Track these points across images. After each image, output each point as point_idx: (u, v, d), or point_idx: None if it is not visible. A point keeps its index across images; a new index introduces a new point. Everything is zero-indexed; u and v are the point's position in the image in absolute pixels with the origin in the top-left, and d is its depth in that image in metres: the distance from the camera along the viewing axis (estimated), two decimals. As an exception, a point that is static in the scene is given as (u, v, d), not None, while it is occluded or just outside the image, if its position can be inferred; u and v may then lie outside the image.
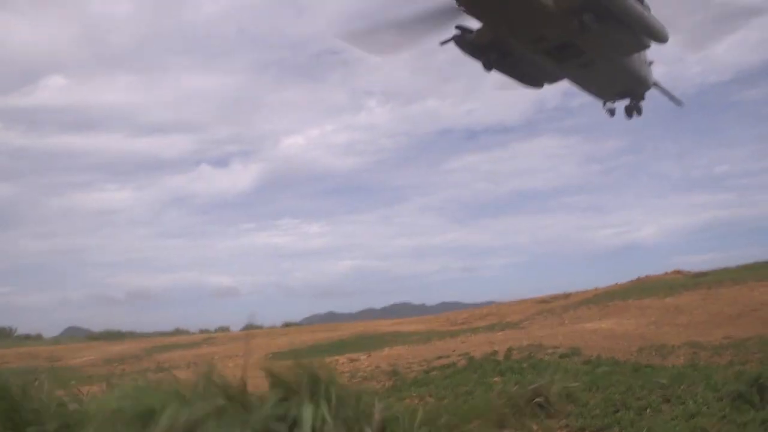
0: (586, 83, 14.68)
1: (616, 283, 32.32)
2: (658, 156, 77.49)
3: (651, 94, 15.94)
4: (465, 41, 13.07)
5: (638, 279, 31.97)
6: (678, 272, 32.20)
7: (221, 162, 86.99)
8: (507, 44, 12.84)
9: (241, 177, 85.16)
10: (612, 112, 15.75)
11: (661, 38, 12.82)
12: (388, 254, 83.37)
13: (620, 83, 14.76)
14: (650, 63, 15.55)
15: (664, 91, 16.79)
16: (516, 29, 12.17)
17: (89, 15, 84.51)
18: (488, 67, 13.29)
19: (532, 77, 14.30)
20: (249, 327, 20.21)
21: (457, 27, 12.92)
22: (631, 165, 79.42)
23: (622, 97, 15.56)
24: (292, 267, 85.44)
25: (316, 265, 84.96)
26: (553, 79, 14.53)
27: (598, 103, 15.32)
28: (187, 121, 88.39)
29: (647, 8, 12.25)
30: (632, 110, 15.71)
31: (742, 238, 74.12)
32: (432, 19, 12.55)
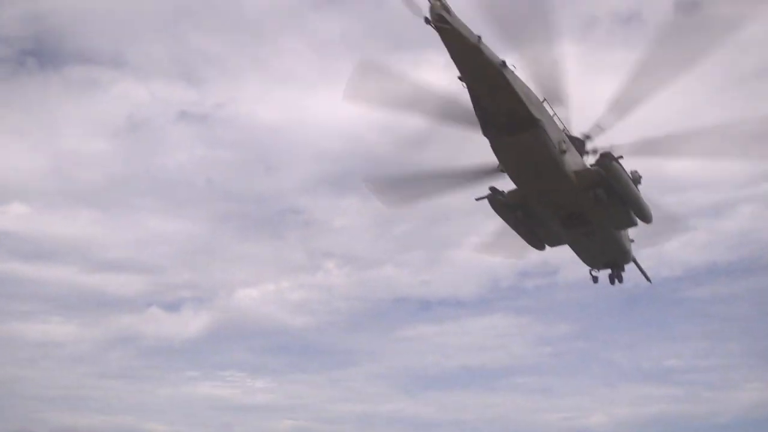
0: (583, 250, 17.61)
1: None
2: (610, 344, 78.15)
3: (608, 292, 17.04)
4: (498, 200, 16.40)
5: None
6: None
7: (173, 306, 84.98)
8: (531, 207, 15.95)
9: (191, 324, 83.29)
10: (596, 279, 18.60)
11: (648, 219, 16.20)
12: (333, 418, 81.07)
13: (610, 253, 17.66)
14: (632, 240, 18.26)
15: (639, 267, 19.38)
16: (543, 196, 15.36)
17: (62, 149, 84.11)
18: (526, 229, 16.54)
19: (544, 238, 17.22)
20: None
21: (491, 188, 16.38)
22: (582, 350, 79.60)
23: (607, 266, 18.37)
24: (232, 421, 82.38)
25: (257, 422, 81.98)
26: (558, 242, 17.42)
27: (552, 287, 18.80)
28: (143, 262, 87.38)
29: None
30: (614, 278, 18.47)
31: (689, 435, 74.72)
32: (466, 177, 16.31)
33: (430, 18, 12.44)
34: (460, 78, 14.03)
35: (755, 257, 76.73)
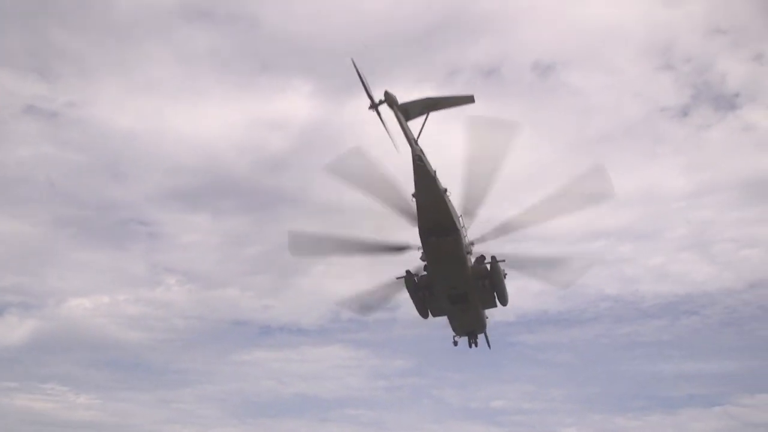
0: (457, 320, 22.45)
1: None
2: (442, 381, 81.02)
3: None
4: (412, 282, 21.04)
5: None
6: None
7: None
8: (433, 288, 20.67)
9: (13, 330, 78.05)
10: (456, 343, 23.65)
11: (506, 303, 21.69)
12: (163, 442, 78.70)
13: (474, 324, 22.91)
14: (487, 317, 23.39)
15: (486, 335, 24.39)
16: (445, 281, 20.14)
17: None
18: (422, 303, 21.44)
19: (433, 309, 21.71)
20: None
21: (407, 272, 20.90)
22: (415, 386, 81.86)
23: (468, 334, 23.53)
24: (48, 439, 78.21)
25: (78, 439, 78.23)
26: (439, 314, 22.05)
27: (391, 322, 24.53)
28: None
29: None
30: (471, 343, 23.82)
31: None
32: (376, 249, 20.29)
33: (412, 158, 17.22)
34: (413, 195, 18.11)
35: (581, 309, 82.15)
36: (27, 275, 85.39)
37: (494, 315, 23.09)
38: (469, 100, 18.24)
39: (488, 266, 20.62)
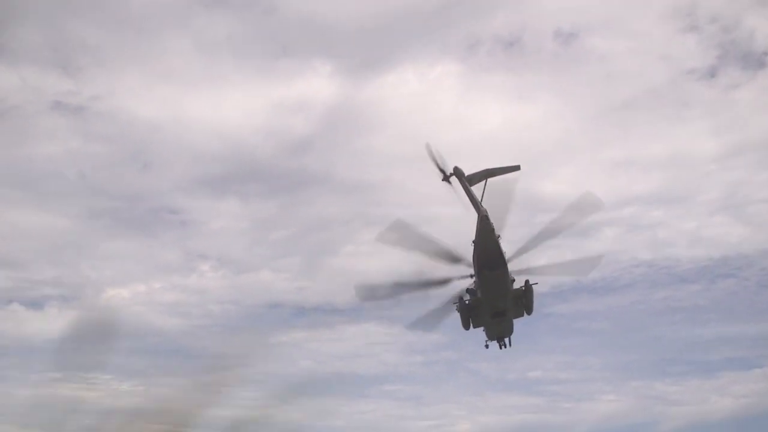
0: (492, 329, 26.25)
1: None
2: (477, 355, 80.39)
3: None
4: (464, 304, 24.87)
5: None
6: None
7: (36, 304, 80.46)
8: (479, 308, 24.57)
9: (55, 322, 79.34)
10: (488, 346, 27.45)
11: (531, 313, 25.22)
12: (203, 423, 79.10)
13: (505, 331, 26.66)
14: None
15: (509, 338, 27.78)
16: (492, 302, 24.16)
17: None
18: (468, 320, 25.49)
19: (475, 323, 25.61)
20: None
21: (460, 298, 24.81)
22: (450, 360, 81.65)
23: (498, 338, 27.10)
24: (96, 425, 78.89)
25: (122, 426, 78.83)
26: (478, 325, 26.05)
27: (424, 297, 24.84)
28: (4, 255, 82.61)
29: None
30: (502, 345, 27.35)
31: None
32: (436, 286, 24.18)
33: (480, 217, 22.04)
34: (473, 241, 22.48)
35: (616, 277, 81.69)
36: (63, 267, 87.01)
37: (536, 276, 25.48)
38: (516, 168, 23.71)
39: (523, 288, 24.80)
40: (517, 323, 26.69)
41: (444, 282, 24.62)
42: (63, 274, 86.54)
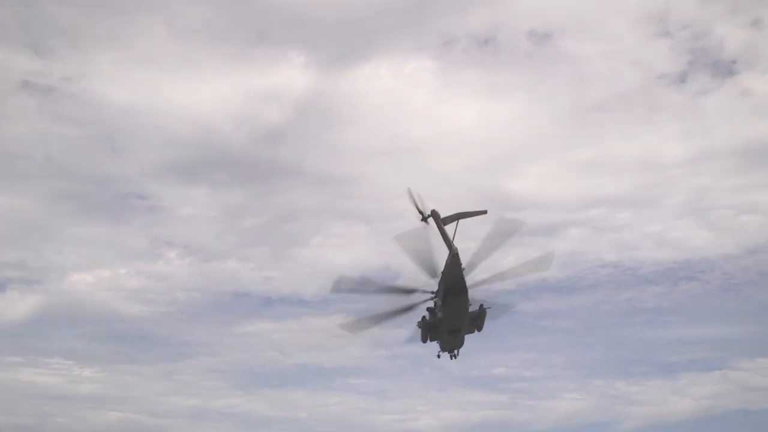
0: (446, 343, 28.36)
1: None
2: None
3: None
4: (426, 322, 27.36)
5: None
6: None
7: None
8: (439, 326, 27.18)
9: (16, 305, 78.94)
10: (439, 356, 29.89)
11: (480, 330, 27.99)
12: (163, 412, 79.73)
13: (457, 344, 28.80)
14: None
15: (457, 350, 29.88)
16: (452, 323, 26.81)
17: None
18: (427, 335, 27.87)
19: (432, 338, 28.00)
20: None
21: (424, 318, 27.50)
22: (416, 355, 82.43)
23: (450, 350, 29.31)
24: (55, 411, 78.91)
25: (81, 413, 78.95)
26: (434, 339, 28.17)
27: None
28: None
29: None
30: (452, 356, 29.93)
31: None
32: (403, 292, 26.63)
33: (451, 253, 24.49)
34: (443, 272, 25.10)
35: (581, 277, 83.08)
36: (27, 250, 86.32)
37: (493, 284, 26.97)
38: (483, 212, 26.62)
39: (478, 311, 27.21)
40: (488, 320, 28.65)
41: (409, 291, 27.11)
42: (26, 257, 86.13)
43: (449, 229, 25.63)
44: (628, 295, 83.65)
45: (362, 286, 27.02)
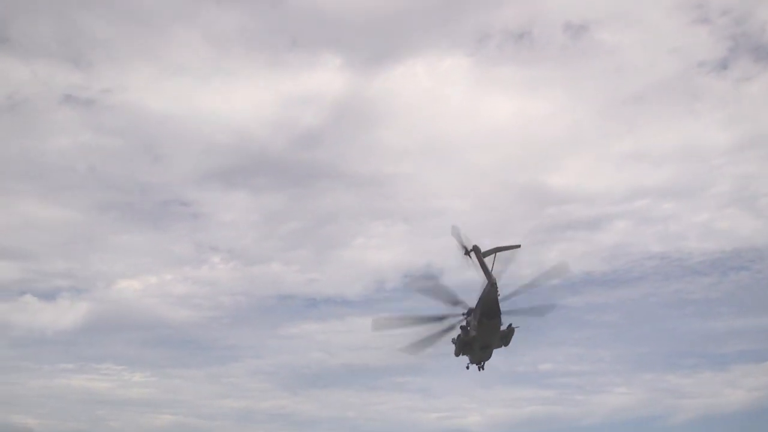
0: (476, 356, 31.41)
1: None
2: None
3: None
4: (461, 338, 30.47)
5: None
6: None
7: (48, 295, 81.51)
8: (472, 343, 30.12)
9: (66, 314, 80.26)
10: (468, 367, 32.38)
11: (507, 345, 30.66)
12: (212, 414, 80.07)
13: (485, 358, 31.65)
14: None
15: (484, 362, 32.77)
16: (484, 340, 29.65)
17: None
18: (461, 351, 31.31)
19: (464, 352, 31.39)
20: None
21: (459, 335, 30.56)
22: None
23: (478, 363, 32.11)
24: (107, 416, 79.92)
25: (134, 417, 79.78)
26: (467, 353, 31.52)
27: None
28: (16, 247, 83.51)
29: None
30: (480, 368, 32.31)
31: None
32: (436, 320, 30.19)
33: (490, 283, 26.86)
34: (481, 297, 27.83)
35: (627, 270, 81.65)
36: (75, 260, 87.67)
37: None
38: (518, 246, 28.11)
39: (507, 329, 29.60)
40: (528, 318, 30.27)
41: (441, 318, 30.62)
42: (74, 267, 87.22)
43: (488, 261, 27.82)
44: (675, 286, 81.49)
45: (401, 321, 30.81)
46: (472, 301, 29.14)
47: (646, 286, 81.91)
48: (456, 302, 29.88)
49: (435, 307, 30.17)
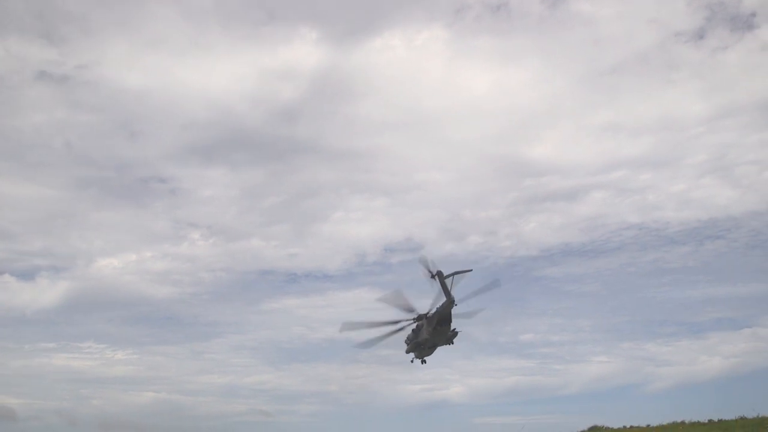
0: (422, 353, 35.65)
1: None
2: (468, 320, 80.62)
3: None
4: (414, 341, 34.80)
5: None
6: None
7: (27, 275, 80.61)
8: (424, 344, 34.57)
9: (46, 293, 79.41)
10: (413, 361, 36.70)
11: (451, 344, 35.14)
12: (196, 390, 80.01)
13: (430, 354, 35.72)
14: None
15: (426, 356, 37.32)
16: (434, 342, 34.41)
17: None
18: (413, 350, 35.77)
19: (414, 351, 35.62)
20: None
21: (411, 338, 35.39)
22: None
23: (422, 358, 36.15)
24: (91, 394, 79.56)
25: (117, 395, 79.46)
26: (414, 351, 35.77)
27: (415, 262, 32.70)
28: None
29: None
30: (423, 361, 36.51)
31: (541, 405, 79.40)
32: (395, 325, 34.27)
33: (449, 300, 31.56)
34: (438, 308, 32.53)
35: (605, 240, 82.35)
36: (53, 238, 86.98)
37: (517, 251, 32.01)
38: (470, 270, 32.49)
39: (452, 332, 33.98)
40: (514, 287, 34.58)
41: (396, 322, 34.42)
42: (53, 245, 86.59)
43: (448, 281, 32.08)
44: (653, 256, 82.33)
45: (364, 324, 34.36)
46: (423, 309, 33.58)
47: (624, 256, 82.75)
48: (410, 309, 34.11)
49: (393, 312, 33.76)
